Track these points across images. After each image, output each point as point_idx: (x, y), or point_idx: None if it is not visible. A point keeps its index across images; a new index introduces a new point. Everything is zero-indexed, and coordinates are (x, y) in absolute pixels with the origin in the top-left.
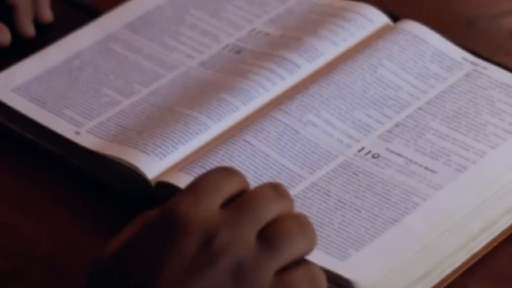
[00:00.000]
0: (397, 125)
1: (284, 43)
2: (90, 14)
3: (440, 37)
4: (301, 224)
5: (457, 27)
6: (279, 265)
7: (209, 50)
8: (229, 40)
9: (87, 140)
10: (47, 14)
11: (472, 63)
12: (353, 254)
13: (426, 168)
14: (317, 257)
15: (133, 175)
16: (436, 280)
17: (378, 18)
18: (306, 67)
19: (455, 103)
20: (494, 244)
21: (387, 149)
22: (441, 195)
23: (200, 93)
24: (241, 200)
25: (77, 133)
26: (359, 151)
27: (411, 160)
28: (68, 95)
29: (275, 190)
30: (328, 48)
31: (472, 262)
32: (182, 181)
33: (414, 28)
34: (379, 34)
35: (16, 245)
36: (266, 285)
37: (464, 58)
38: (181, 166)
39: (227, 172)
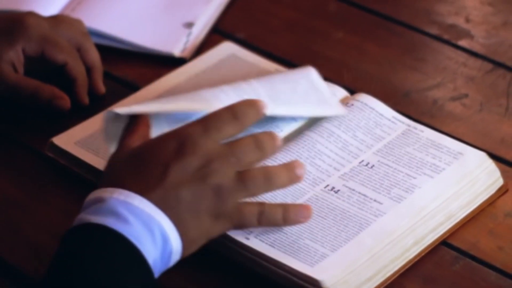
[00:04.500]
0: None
1: None
2: (131, 88)
3: (383, 105)
4: (269, 175)
5: (396, 97)
6: (244, 197)
7: None
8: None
9: None
10: (101, 88)
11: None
12: (320, 262)
13: (375, 200)
14: (293, 263)
15: None
16: (380, 280)
17: (339, 93)
18: None
19: (401, 149)
20: (423, 254)
21: (344, 185)
22: (384, 219)
23: None
24: (233, 144)
25: None
26: (325, 187)
27: (364, 195)
28: (114, 147)
29: (256, 143)
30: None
31: (407, 267)
32: None
33: (365, 99)
34: (343, 102)
35: None
36: (231, 206)
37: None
38: None
39: (232, 115)
